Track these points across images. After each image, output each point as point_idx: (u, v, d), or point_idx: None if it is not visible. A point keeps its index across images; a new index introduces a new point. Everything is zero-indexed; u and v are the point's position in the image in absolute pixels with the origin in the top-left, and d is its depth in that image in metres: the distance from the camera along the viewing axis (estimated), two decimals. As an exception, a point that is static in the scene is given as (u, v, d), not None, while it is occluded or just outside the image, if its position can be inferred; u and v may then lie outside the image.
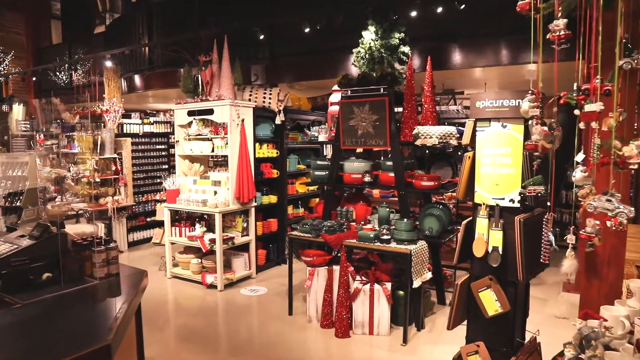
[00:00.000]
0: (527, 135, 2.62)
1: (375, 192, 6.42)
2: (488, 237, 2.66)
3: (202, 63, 5.91)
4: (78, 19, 11.54)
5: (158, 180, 8.31)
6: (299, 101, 7.17)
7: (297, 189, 7.18)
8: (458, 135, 4.32)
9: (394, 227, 4.36)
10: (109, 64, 7.77)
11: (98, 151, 7.54)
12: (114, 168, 7.73)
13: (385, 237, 4.22)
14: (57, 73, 11.05)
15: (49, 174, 9.86)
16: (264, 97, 6.29)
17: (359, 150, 5.78)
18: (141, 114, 8.60)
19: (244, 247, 6.11)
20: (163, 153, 8.61)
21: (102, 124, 7.85)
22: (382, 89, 4.40)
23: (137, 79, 8.44)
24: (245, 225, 6.06)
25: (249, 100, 6.21)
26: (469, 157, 2.85)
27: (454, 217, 4.81)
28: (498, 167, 2.69)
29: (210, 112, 5.81)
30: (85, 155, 7.68)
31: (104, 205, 7.43)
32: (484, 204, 2.72)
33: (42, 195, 9.95)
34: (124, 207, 7.75)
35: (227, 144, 5.70)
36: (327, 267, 4.56)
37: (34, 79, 11.54)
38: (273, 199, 6.64)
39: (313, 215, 5.07)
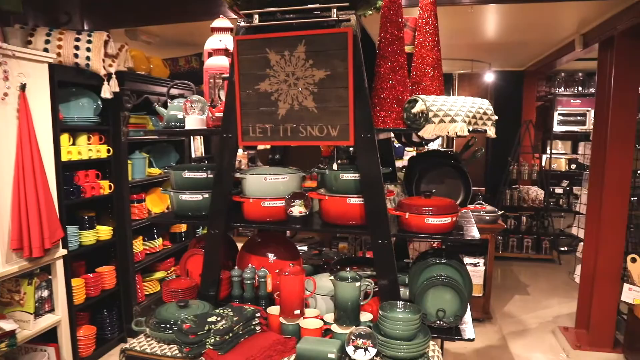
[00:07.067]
0: None
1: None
2: None
3: None
4: None
5: None
6: (147, 63, 4.32)
7: (150, 209, 4.36)
8: (496, 118, 2.05)
9: (374, 323, 1.96)
10: None
11: None
12: None
13: (362, 354, 1.79)
14: None
15: None
16: (77, 48, 3.36)
17: (263, 147, 3.24)
18: None
19: (49, 336, 3.18)
20: None
21: None
22: (335, 12, 1.91)
23: None
24: (45, 294, 3.13)
25: (46, 50, 3.24)
26: None
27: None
28: None
29: (-56, 69, 2.73)
30: None
31: None
32: None
33: None
34: None
35: (-17, 137, 2.70)
36: (220, 423, 1.98)
37: None
38: (104, 232, 3.76)
39: (180, 286, 2.39)
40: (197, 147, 5.88)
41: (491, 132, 1.98)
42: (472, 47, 5.34)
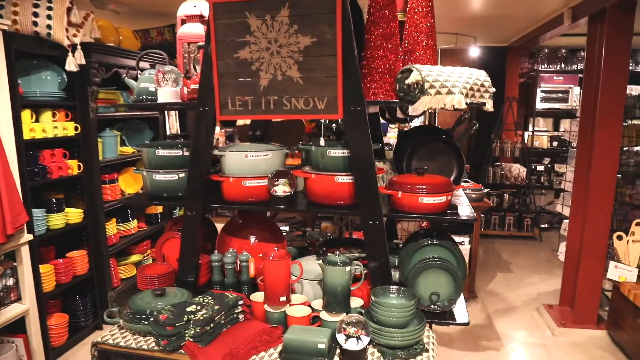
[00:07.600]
0: None
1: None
2: None
3: None
4: None
5: None
6: (116, 34, 4.04)
7: (124, 190, 4.15)
8: (493, 90, 1.91)
9: (365, 309, 1.85)
10: None
11: None
12: None
13: (354, 344, 1.66)
14: None
15: None
16: (36, 15, 3.08)
17: (243, 123, 3.07)
18: None
19: (17, 326, 2.99)
20: None
21: None
22: (321, -30, 1.73)
23: None
24: (10, 282, 2.92)
25: (0, 16, 2.96)
26: None
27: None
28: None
29: None
30: None
31: None
32: None
33: None
34: None
35: None
36: (202, 419, 1.85)
37: None
38: (74, 215, 3.55)
39: (156, 272, 2.23)
40: (172, 124, 5.63)
41: (489, 105, 1.84)
42: (458, 20, 5.19)
